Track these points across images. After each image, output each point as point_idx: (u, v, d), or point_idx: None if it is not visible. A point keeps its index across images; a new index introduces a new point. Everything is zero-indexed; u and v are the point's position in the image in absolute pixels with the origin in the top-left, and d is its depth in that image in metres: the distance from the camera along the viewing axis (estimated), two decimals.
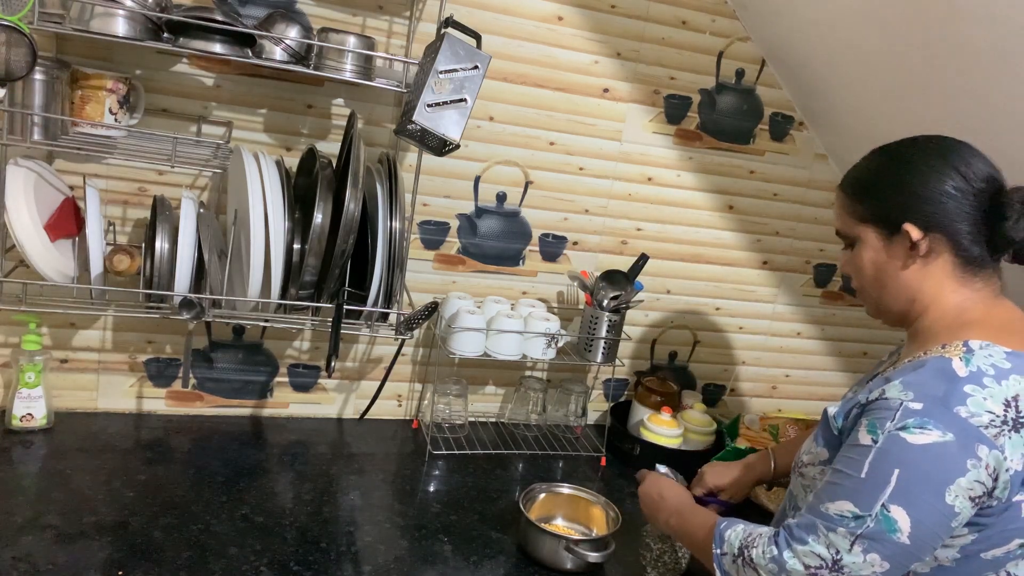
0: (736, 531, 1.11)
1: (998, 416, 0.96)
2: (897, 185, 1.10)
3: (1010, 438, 0.96)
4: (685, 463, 1.56)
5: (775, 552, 1.02)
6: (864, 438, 1.01)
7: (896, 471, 0.96)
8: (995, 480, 0.96)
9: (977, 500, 0.97)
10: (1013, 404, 0.98)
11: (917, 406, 0.97)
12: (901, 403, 0.99)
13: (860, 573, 0.97)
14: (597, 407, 2.10)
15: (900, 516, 0.96)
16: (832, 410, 1.12)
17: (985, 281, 1.09)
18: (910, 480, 0.96)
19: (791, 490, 1.22)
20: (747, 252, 2.10)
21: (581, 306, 1.92)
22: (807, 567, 1.00)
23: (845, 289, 2.19)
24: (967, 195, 1.06)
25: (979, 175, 1.07)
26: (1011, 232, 1.05)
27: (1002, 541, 1.01)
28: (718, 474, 1.49)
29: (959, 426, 0.95)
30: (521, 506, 1.49)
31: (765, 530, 1.08)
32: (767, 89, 1.99)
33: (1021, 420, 0.97)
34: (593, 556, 1.41)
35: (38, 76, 1.37)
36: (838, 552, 0.98)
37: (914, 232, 1.08)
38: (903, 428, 0.97)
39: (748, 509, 1.63)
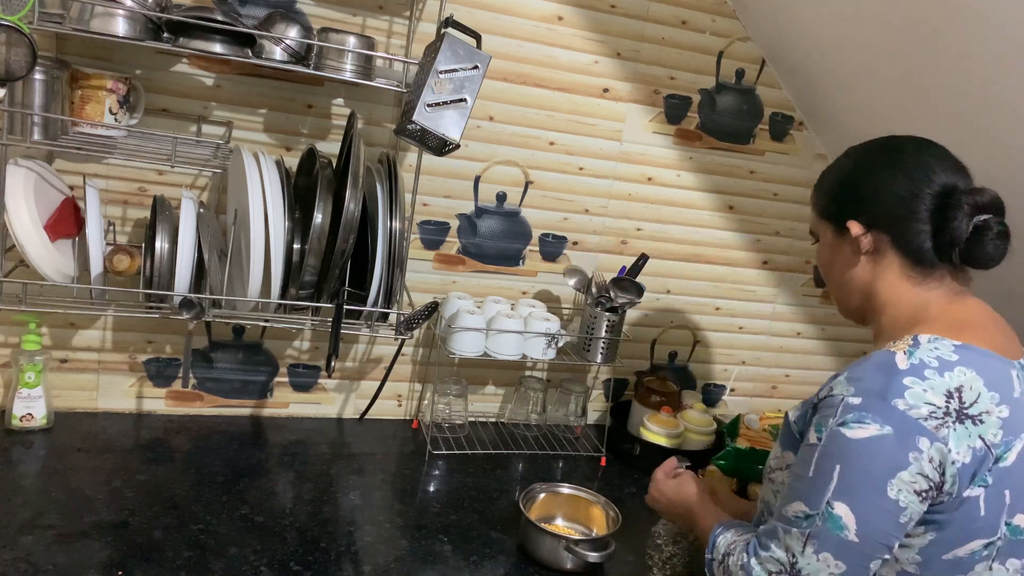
0: (726, 537, 1.14)
1: (939, 408, 0.95)
2: (846, 183, 1.14)
3: (954, 430, 0.95)
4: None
5: (745, 560, 1.05)
6: (812, 437, 1.02)
7: (837, 467, 0.97)
8: (942, 474, 0.95)
9: (924, 494, 0.95)
10: (956, 395, 0.96)
11: (856, 401, 0.98)
12: (843, 398, 0.99)
13: (818, 574, 0.98)
14: (597, 407, 2.10)
15: (844, 512, 0.96)
16: (792, 415, 1.12)
17: (940, 281, 1.09)
18: (851, 475, 0.96)
19: (763, 496, 1.21)
20: (747, 252, 2.10)
21: (581, 306, 1.92)
22: (769, 573, 1.02)
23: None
24: (913, 195, 1.06)
25: (932, 178, 1.06)
26: (956, 232, 1.04)
27: (961, 540, 0.99)
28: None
29: (897, 419, 0.95)
30: (521, 506, 1.49)
31: (747, 538, 1.10)
32: (767, 89, 1.99)
33: (965, 412, 0.96)
34: (593, 556, 1.41)
35: (38, 76, 1.37)
36: (794, 555, 1.00)
37: (855, 228, 1.10)
38: (843, 424, 0.97)
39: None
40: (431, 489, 1.66)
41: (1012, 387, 1.01)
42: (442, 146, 1.49)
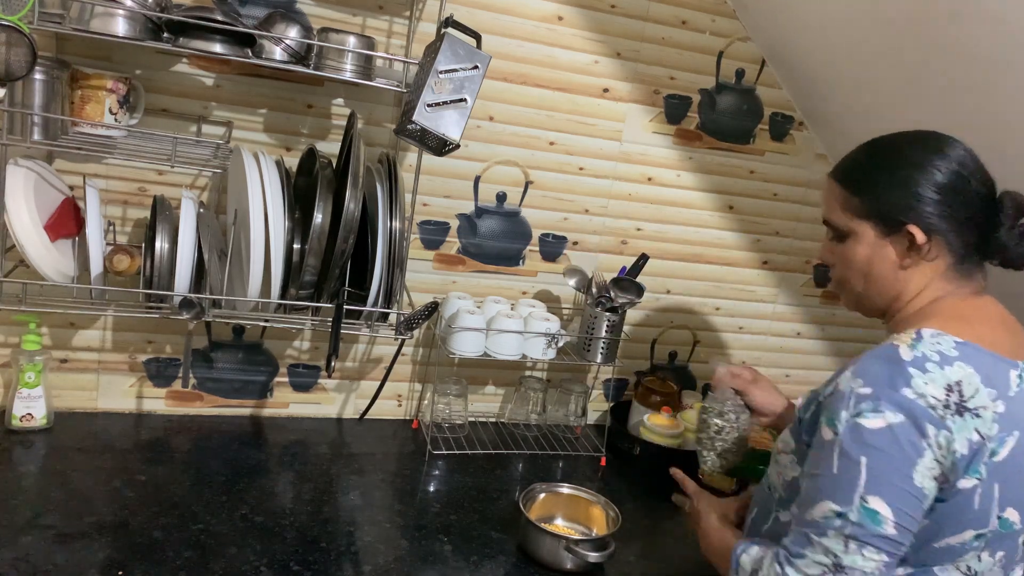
0: (750, 554, 1.10)
1: (940, 400, 0.97)
2: (901, 183, 1.09)
3: (954, 422, 0.97)
4: (685, 463, 1.55)
5: (778, 570, 1.01)
6: (827, 434, 1.01)
7: (863, 459, 0.96)
8: (950, 462, 0.97)
9: (938, 480, 0.97)
10: (956, 389, 0.98)
11: (867, 391, 0.98)
12: (852, 390, 1.00)
13: (865, 568, 0.96)
14: (597, 407, 2.10)
15: (879, 506, 0.95)
16: (798, 402, 1.15)
17: (970, 279, 1.11)
18: (878, 467, 0.96)
19: (769, 476, 1.21)
20: (747, 252, 2.10)
21: (581, 306, 1.92)
22: None
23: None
24: (967, 198, 1.07)
25: (977, 176, 1.08)
26: (1005, 239, 1.07)
27: (955, 530, 1.00)
28: (768, 399, 1.48)
29: (907, 406, 0.96)
30: (521, 506, 1.49)
31: (773, 550, 1.06)
32: (767, 89, 1.99)
33: (964, 405, 0.98)
34: (593, 556, 1.41)
35: (38, 76, 1.37)
36: (836, 556, 0.97)
37: (919, 235, 1.08)
38: (859, 414, 0.98)
39: None
40: (431, 489, 1.66)
41: (1008, 385, 1.02)
42: (442, 146, 1.49)
